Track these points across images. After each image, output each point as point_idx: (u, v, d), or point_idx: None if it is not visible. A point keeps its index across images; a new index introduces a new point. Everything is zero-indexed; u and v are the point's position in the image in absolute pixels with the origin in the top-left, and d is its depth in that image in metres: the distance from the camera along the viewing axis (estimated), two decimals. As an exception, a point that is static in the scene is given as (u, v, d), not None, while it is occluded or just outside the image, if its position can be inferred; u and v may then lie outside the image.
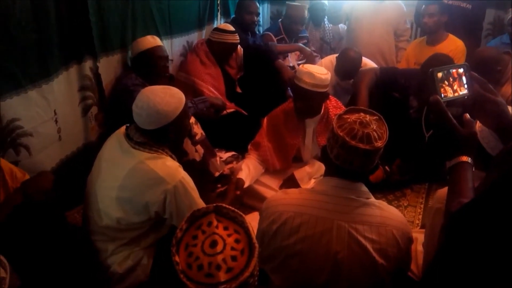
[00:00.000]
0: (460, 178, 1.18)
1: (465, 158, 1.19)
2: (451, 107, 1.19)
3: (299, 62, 4.24)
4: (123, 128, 1.96)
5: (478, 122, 1.43)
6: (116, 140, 1.93)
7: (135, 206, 1.84)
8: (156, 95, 1.85)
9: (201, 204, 1.91)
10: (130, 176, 1.81)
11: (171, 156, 1.92)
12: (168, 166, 1.84)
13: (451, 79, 1.23)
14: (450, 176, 1.21)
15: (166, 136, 1.89)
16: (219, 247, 1.03)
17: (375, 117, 1.54)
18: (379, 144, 1.47)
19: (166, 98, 1.85)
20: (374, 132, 1.48)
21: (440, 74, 1.21)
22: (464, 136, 1.17)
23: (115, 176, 1.84)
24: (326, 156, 1.58)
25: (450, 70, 1.23)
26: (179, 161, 2.59)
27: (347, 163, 1.49)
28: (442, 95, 1.20)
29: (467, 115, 1.21)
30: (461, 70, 1.25)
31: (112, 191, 1.84)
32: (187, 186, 1.86)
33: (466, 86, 1.24)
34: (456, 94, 1.23)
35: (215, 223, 1.09)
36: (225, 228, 1.09)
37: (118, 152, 1.89)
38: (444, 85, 1.21)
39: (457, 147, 1.20)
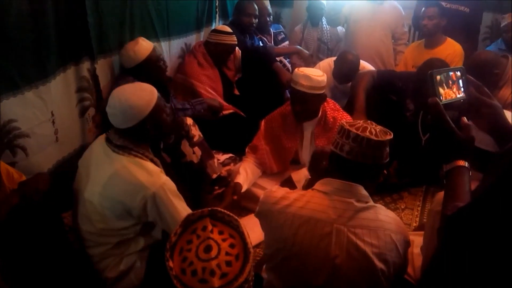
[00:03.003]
0: (456, 182, 1.18)
1: (462, 163, 1.19)
2: (448, 111, 1.19)
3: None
4: (104, 135, 1.93)
5: None
6: (100, 145, 1.91)
7: (117, 211, 1.81)
8: (126, 91, 1.85)
9: (183, 210, 1.85)
10: (110, 182, 1.79)
11: (152, 160, 1.89)
12: (148, 171, 1.80)
13: (450, 82, 1.23)
14: (447, 180, 1.21)
15: (145, 133, 1.86)
16: (214, 252, 1.02)
17: (379, 127, 1.60)
18: (388, 136, 1.55)
19: (137, 92, 1.84)
20: (381, 130, 1.56)
21: (439, 77, 1.22)
22: (462, 140, 1.17)
23: (97, 181, 1.82)
24: (332, 156, 1.61)
25: (449, 73, 1.23)
26: (176, 163, 2.61)
27: (359, 156, 1.52)
28: (441, 97, 1.20)
29: (465, 119, 1.20)
30: (458, 73, 1.25)
31: (94, 197, 1.82)
32: (168, 192, 1.81)
33: (462, 89, 1.25)
34: (454, 97, 1.23)
35: (210, 227, 1.08)
36: (220, 233, 1.08)
37: (101, 156, 1.87)
38: (442, 87, 1.21)
39: (454, 151, 1.20)
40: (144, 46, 2.72)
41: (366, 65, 3.57)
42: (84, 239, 1.92)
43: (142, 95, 1.84)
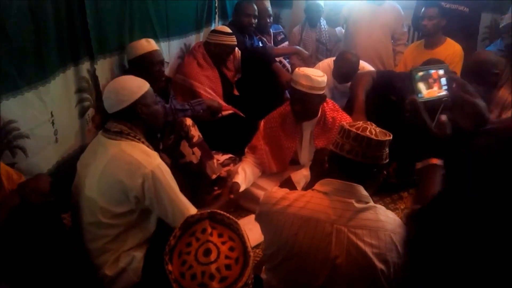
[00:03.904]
0: (427, 181, 1.19)
1: (435, 161, 1.20)
2: (446, 111, 1.20)
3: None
4: (100, 130, 2.04)
5: None
6: (95, 140, 2.03)
7: (115, 194, 1.86)
8: (121, 78, 2.08)
9: (180, 194, 1.94)
10: (109, 164, 1.87)
11: (148, 147, 1.96)
12: (145, 152, 1.90)
13: (431, 80, 1.24)
14: (419, 178, 1.22)
15: (137, 116, 1.96)
16: (213, 256, 1.02)
17: (378, 128, 1.60)
18: (388, 137, 1.54)
19: (130, 78, 2.03)
20: (381, 131, 1.56)
21: (420, 74, 1.22)
22: (437, 137, 1.18)
23: (95, 169, 1.90)
24: (333, 156, 1.61)
25: (430, 71, 1.24)
26: (175, 163, 2.61)
27: (359, 155, 1.52)
28: (420, 95, 1.21)
29: (443, 117, 1.21)
30: (441, 72, 1.25)
31: (94, 184, 1.89)
32: (165, 173, 1.89)
33: (445, 87, 1.25)
34: (434, 95, 1.23)
35: (209, 230, 1.08)
36: (220, 235, 1.08)
37: (97, 148, 1.98)
38: (423, 85, 1.22)
39: (428, 148, 1.21)
40: (142, 44, 2.72)
41: (365, 66, 3.57)
42: (83, 233, 1.96)
43: (134, 80, 2.02)
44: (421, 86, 1.22)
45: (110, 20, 2.62)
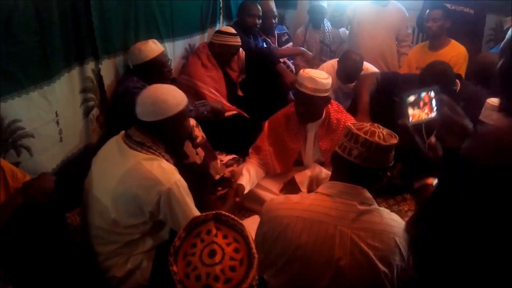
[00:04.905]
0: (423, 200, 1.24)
1: (431, 181, 1.24)
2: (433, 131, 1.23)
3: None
4: (122, 132, 1.97)
5: None
6: (115, 142, 1.96)
7: (130, 207, 1.84)
8: (163, 87, 1.97)
9: (194, 209, 1.91)
10: (126, 177, 1.82)
11: (167, 160, 1.93)
12: (163, 168, 1.85)
13: (422, 103, 1.27)
14: (416, 197, 1.26)
15: (164, 131, 1.91)
16: (218, 257, 1.02)
17: (385, 130, 1.61)
18: (394, 140, 1.54)
19: (173, 92, 1.95)
20: (388, 133, 1.57)
21: (411, 98, 1.26)
22: (430, 159, 1.22)
23: (111, 177, 1.86)
24: (339, 160, 1.60)
25: (421, 94, 1.27)
26: (179, 164, 2.61)
27: (367, 161, 1.52)
28: (411, 118, 1.25)
29: (433, 139, 1.25)
30: (431, 94, 1.28)
31: (108, 192, 1.86)
32: (182, 189, 1.86)
33: (435, 109, 1.28)
34: (424, 118, 1.27)
35: (214, 231, 1.08)
36: (224, 237, 1.08)
37: (115, 153, 1.91)
38: (414, 109, 1.26)
39: (423, 169, 1.24)
40: (151, 47, 2.73)
41: (369, 67, 3.56)
42: (94, 236, 1.94)
43: (176, 96, 1.95)
44: (412, 110, 1.26)
45: (115, 21, 2.63)
